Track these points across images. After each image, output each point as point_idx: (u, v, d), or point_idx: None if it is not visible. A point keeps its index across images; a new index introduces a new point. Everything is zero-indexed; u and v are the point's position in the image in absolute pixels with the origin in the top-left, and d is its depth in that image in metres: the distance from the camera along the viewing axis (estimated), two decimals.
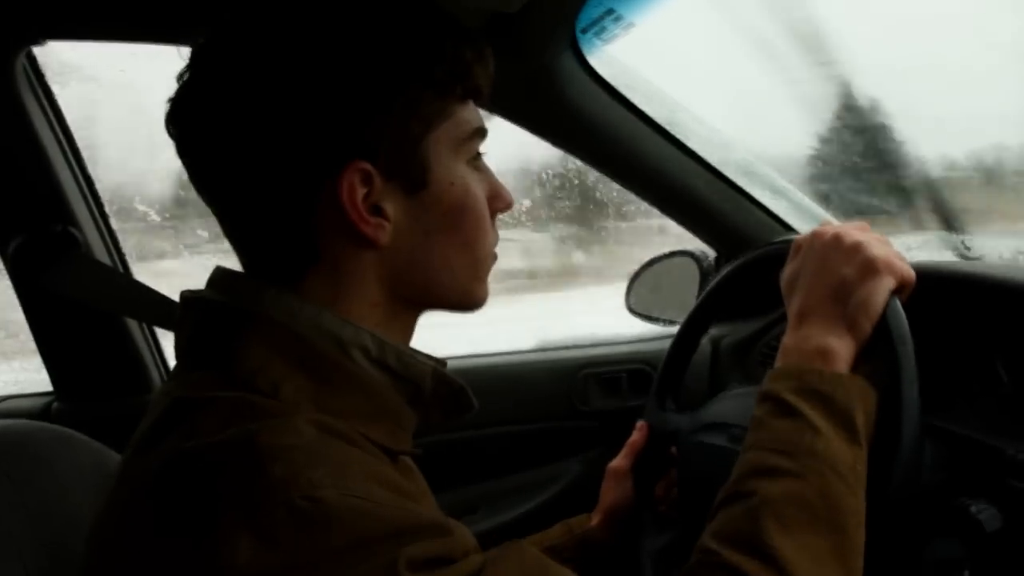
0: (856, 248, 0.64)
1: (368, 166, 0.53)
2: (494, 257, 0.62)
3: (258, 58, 0.52)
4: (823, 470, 0.56)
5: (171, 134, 0.56)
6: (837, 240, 0.65)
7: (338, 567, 0.42)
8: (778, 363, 0.65)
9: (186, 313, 0.56)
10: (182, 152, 0.56)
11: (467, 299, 0.61)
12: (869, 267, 0.63)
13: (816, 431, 0.58)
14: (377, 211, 0.54)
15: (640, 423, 0.90)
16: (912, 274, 0.65)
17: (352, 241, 0.55)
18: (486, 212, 0.60)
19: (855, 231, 0.66)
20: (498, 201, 0.61)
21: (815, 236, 0.68)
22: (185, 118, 0.55)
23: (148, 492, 0.46)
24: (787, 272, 0.70)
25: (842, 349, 0.62)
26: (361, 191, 0.53)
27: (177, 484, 0.45)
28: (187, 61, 0.55)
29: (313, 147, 0.52)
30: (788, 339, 0.66)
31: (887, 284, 0.63)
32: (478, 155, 0.60)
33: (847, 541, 0.55)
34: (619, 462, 0.88)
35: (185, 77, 0.55)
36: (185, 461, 0.45)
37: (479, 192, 0.59)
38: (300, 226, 0.54)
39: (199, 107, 0.54)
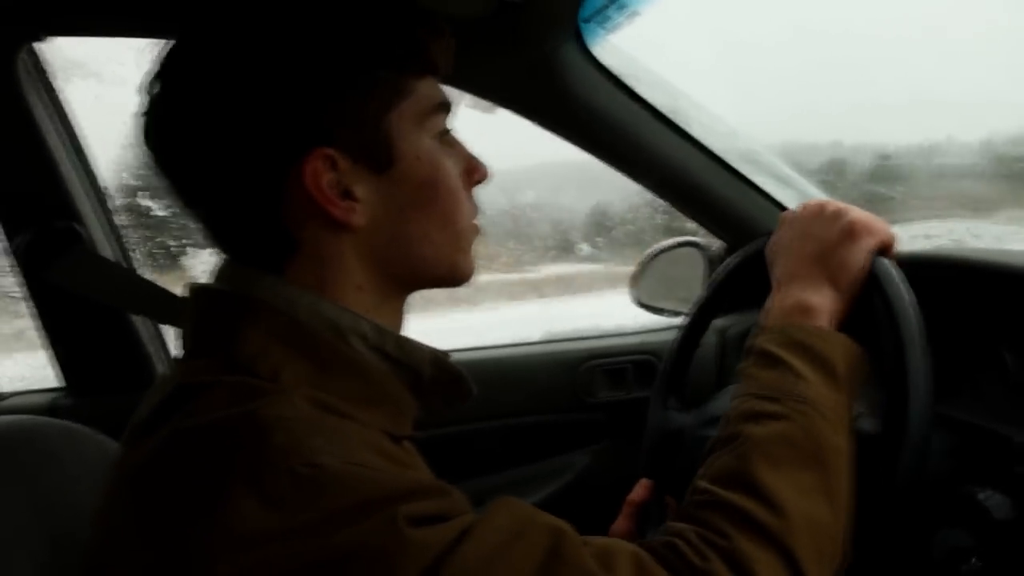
0: (837, 214, 0.68)
1: (331, 151, 0.54)
2: (476, 229, 0.63)
3: (212, 65, 0.54)
4: (807, 411, 0.58)
5: (146, 147, 0.57)
6: (820, 208, 0.70)
7: (340, 527, 0.42)
8: (761, 322, 0.67)
9: (190, 304, 0.57)
10: (157, 162, 0.57)
11: (453, 272, 0.62)
12: (849, 229, 0.67)
13: (799, 376, 0.60)
14: (348, 194, 0.55)
15: (642, 482, 0.83)
16: (892, 233, 0.68)
17: (327, 227, 0.55)
18: (459, 184, 0.60)
19: (840, 202, 0.70)
20: (474, 174, 0.62)
21: (802, 208, 0.72)
22: (153, 128, 0.56)
23: (151, 469, 0.47)
24: (771, 241, 0.73)
25: (823, 304, 0.65)
26: (327, 176, 0.54)
27: (180, 458, 0.46)
28: (152, 75, 0.56)
29: (272, 140, 0.53)
30: (770, 300, 0.68)
31: (867, 244, 0.66)
32: (447, 130, 0.61)
33: (833, 477, 0.56)
34: (620, 524, 0.80)
35: (154, 91, 0.56)
36: (187, 438, 0.47)
37: (449, 165, 0.60)
38: (273, 218, 0.55)
39: (165, 116, 0.55)
